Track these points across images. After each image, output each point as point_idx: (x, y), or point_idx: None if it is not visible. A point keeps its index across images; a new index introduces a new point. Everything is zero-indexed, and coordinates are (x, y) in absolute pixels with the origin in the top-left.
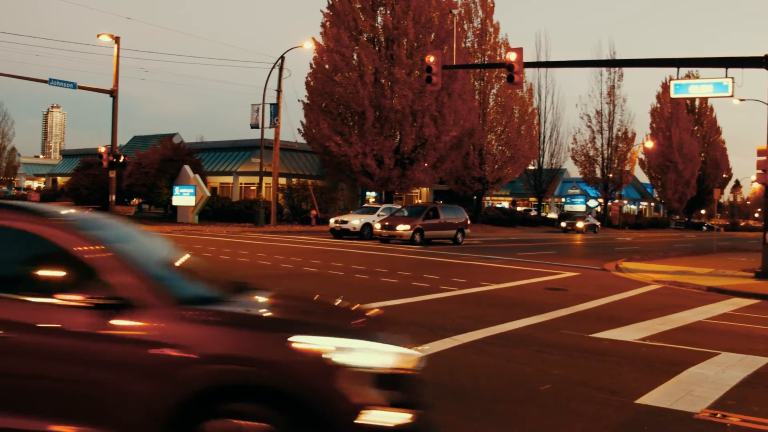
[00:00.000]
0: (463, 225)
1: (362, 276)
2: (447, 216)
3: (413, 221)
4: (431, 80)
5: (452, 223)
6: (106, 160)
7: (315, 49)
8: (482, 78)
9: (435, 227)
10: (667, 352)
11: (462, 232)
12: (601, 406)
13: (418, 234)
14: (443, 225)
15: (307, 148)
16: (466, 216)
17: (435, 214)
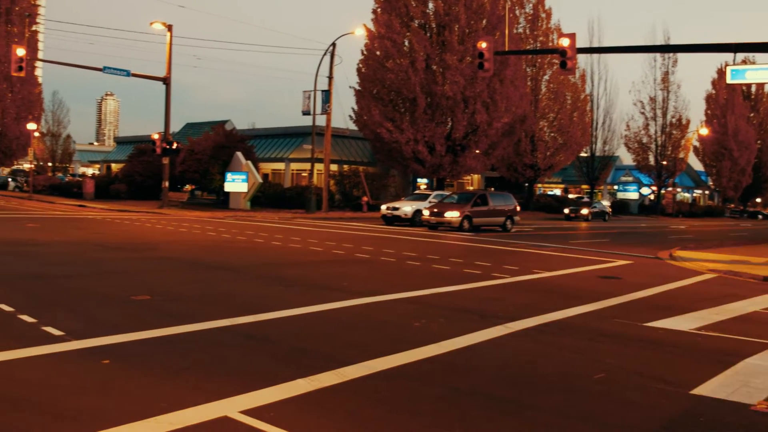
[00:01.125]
0: (512, 212)
1: (414, 263)
2: (496, 203)
3: (462, 208)
4: (483, 66)
5: (501, 210)
6: (159, 146)
7: (366, 36)
8: (534, 64)
9: (484, 214)
10: (723, 342)
11: (511, 219)
12: (655, 396)
13: (466, 221)
14: (492, 212)
15: (358, 134)
16: (516, 203)
17: (484, 201)
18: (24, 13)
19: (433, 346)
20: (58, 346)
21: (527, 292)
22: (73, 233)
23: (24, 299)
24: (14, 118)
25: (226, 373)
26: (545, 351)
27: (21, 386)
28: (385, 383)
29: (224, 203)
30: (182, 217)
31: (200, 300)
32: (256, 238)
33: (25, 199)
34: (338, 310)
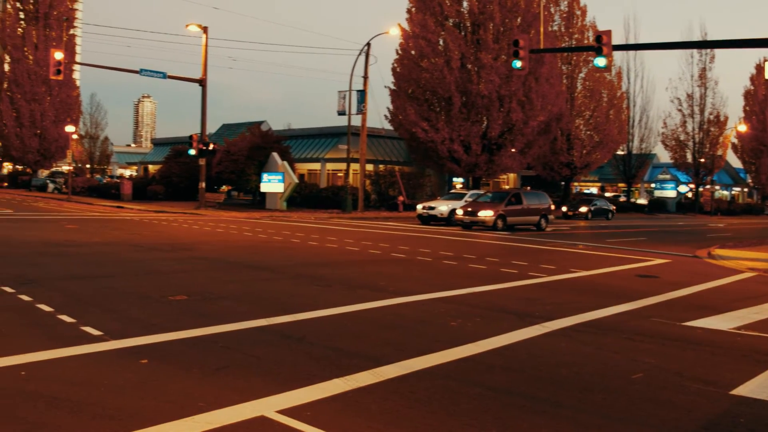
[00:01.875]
0: (546, 211)
1: (450, 262)
2: (530, 202)
3: (496, 207)
4: (518, 65)
5: (536, 208)
6: (195, 148)
7: (401, 35)
8: (570, 62)
9: (518, 213)
10: (763, 342)
11: (546, 218)
12: (694, 396)
13: (500, 220)
14: (526, 211)
15: (393, 134)
16: (550, 202)
17: (518, 200)
18: (62, 17)
19: (469, 345)
20: (97, 346)
21: (564, 292)
22: (111, 234)
23: (63, 299)
24: (53, 120)
25: (263, 373)
26: (582, 350)
27: (60, 385)
28: (422, 383)
29: (260, 204)
30: (219, 217)
31: (237, 300)
32: (292, 238)
33: (64, 201)
34: (375, 310)
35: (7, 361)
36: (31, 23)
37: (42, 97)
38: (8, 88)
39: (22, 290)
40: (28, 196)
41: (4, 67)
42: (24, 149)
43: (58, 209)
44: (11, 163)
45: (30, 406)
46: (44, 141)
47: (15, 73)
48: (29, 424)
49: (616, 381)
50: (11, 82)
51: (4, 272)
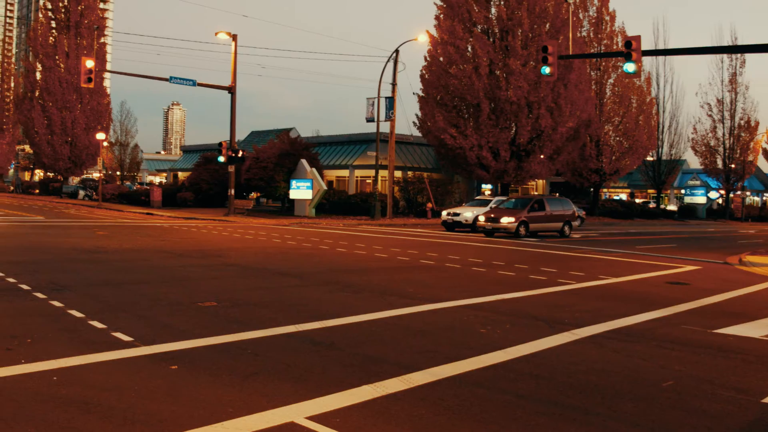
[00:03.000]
0: (570, 217)
1: (479, 269)
2: (553, 208)
3: (518, 213)
4: (547, 71)
5: (560, 215)
6: (225, 155)
7: (429, 42)
8: (599, 68)
9: (540, 219)
10: None
11: (569, 224)
12: (726, 404)
13: (522, 226)
14: (549, 217)
15: (422, 140)
16: (574, 208)
17: (541, 206)
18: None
19: (499, 352)
20: (127, 352)
21: (594, 299)
22: (141, 240)
23: (94, 305)
24: (84, 128)
25: (292, 379)
26: (613, 358)
27: (92, 391)
28: (451, 390)
29: (289, 210)
30: (248, 224)
31: (266, 306)
32: (321, 244)
33: (94, 208)
34: (404, 317)
35: (39, 366)
36: (62, 32)
37: (73, 104)
38: (40, 96)
39: (54, 296)
40: (59, 203)
41: (36, 76)
42: (55, 156)
43: (88, 216)
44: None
45: (62, 411)
46: (75, 148)
47: (47, 81)
48: (61, 428)
49: (647, 389)
50: (43, 90)
51: (36, 278)
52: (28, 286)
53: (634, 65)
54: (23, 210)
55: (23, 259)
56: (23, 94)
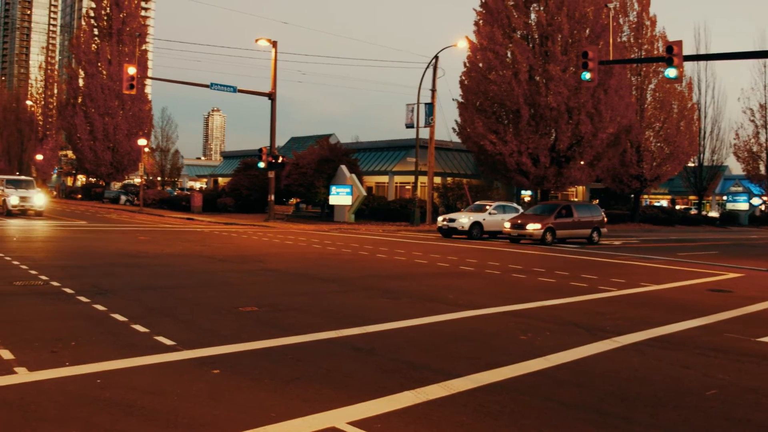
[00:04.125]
0: (599, 224)
1: (519, 275)
2: (581, 214)
3: (544, 220)
4: (588, 76)
5: (588, 221)
6: (265, 161)
7: (469, 48)
8: (639, 73)
9: (568, 226)
10: None
11: (598, 231)
12: None
13: (549, 233)
14: (577, 224)
15: (461, 147)
16: (603, 215)
17: (568, 213)
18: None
19: (539, 359)
20: (170, 356)
21: (635, 306)
22: (182, 245)
23: (136, 309)
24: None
25: (333, 385)
26: (654, 366)
27: (135, 394)
28: (492, 397)
29: (329, 216)
30: (287, 229)
31: (307, 311)
32: (360, 250)
33: (135, 213)
34: (444, 323)
35: (83, 369)
36: (104, 39)
37: (115, 111)
38: (83, 102)
39: (97, 300)
40: (101, 208)
41: (79, 82)
42: (97, 162)
43: (130, 221)
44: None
45: (106, 413)
46: (117, 154)
47: (89, 87)
48: (105, 431)
49: (689, 397)
50: (85, 96)
51: (80, 282)
52: (72, 289)
53: (675, 70)
54: (66, 215)
55: (66, 263)
56: (66, 101)
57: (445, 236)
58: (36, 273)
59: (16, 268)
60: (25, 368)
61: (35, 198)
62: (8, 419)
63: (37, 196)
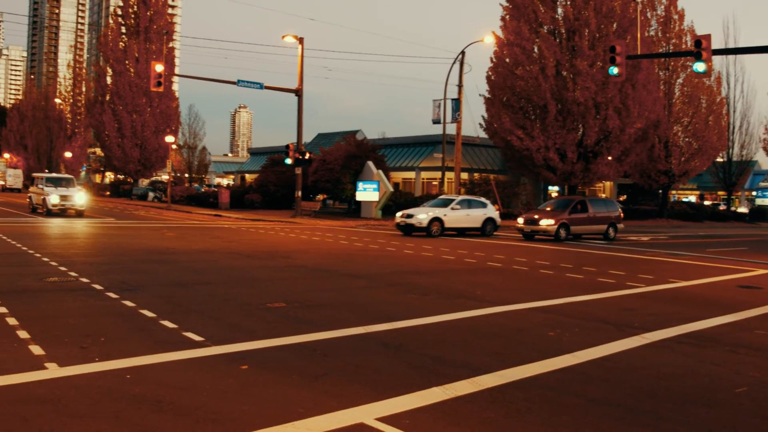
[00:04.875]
0: (615, 219)
1: (547, 271)
2: (597, 209)
3: (558, 215)
4: (615, 71)
5: (604, 216)
6: (292, 157)
7: (495, 43)
8: (667, 67)
9: (583, 222)
10: None
11: (614, 226)
12: None
13: (563, 229)
14: (592, 219)
15: (488, 142)
16: (620, 210)
17: (583, 208)
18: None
19: (568, 356)
20: (198, 351)
21: (663, 302)
22: (210, 242)
23: (165, 305)
24: (153, 131)
25: (361, 381)
26: (683, 362)
27: (164, 389)
28: (521, 393)
29: (355, 212)
30: (314, 226)
31: (335, 307)
32: (387, 246)
33: (163, 209)
34: (472, 319)
35: (113, 364)
36: (132, 37)
37: (143, 108)
38: (111, 100)
39: (126, 296)
40: (129, 205)
41: (107, 80)
42: (125, 159)
43: (158, 217)
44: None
45: (135, 409)
46: (145, 151)
47: (117, 85)
48: (136, 426)
49: (719, 394)
50: (113, 94)
51: (109, 278)
52: (101, 285)
53: (704, 65)
54: (95, 211)
55: (95, 259)
56: (94, 98)
57: (405, 234)
58: (66, 269)
59: (46, 264)
60: (56, 364)
61: (76, 197)
62: (40, 414)
63: (78, 195)
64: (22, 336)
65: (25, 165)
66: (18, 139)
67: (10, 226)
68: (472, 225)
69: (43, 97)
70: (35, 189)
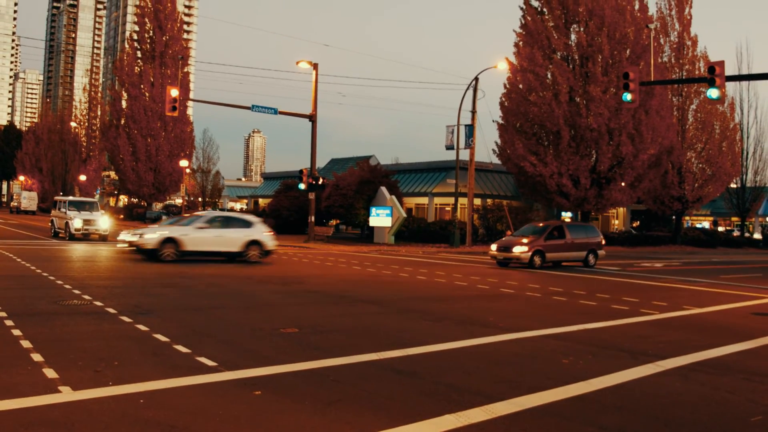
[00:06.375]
0: (596, 246)
1: (560, 298)
2: (575, 235)
3: (533, 242)
4: (629, 97)
5: (582, 243)
6: (305, 182)
7: (508, 69)
8: (680, 93)
9: (560, 248)
10: None
11: (594, 253)
12: None
13: (537, 256)
14: (570, 246)
15: (501, 168)
16: (600, 236)
17: (561, 234)
18: (177, 56)
19: (582, 383)
20: (212, 376)
21: (678, 329)
22: (222, 266)
23: (178, 329)
24: (168, 155)
25: (374, 407)
26: (698, 390)
27: (177, 414)
28: (535, 421)
29: (368, 237)
30: (328, 251)
31: (348, 333)
32: (401, 272)
33: None
34: (486, 346)
35: (127, 388)
36: (147, 62)
37: (157, 132)
38: (125, 123)
39: (140, 320)
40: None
41: (122, 104)
42: (139, 183)
43: None
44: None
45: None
46: (159, 175)
47: (132, 109)
48: None
49: (734, 423)
50: (128, 118)
51: (122, 302)
52: (115, 309)
53: (717, 91)
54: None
55: (109, 283)
56: (109, 122)
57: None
58: (79, 293)
59: (60, 287)
60: (69, 387)
61: (100, 221)
62: None
63: (102, 219)
64: (35, 359)
65: (40, 188)
66: (33, 161)
67: (28, 249)
68: (225, 249)
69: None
70: (57, 213)
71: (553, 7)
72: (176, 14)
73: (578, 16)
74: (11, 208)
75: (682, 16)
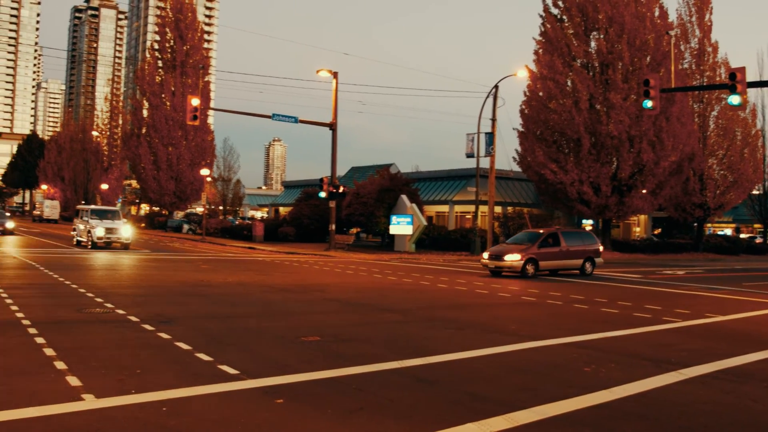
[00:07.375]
0: (593, 253)
1: (581, 306)
2: (571, 243)
3: (526, 250)
4: (649, 104)
5: (579, 251)
6: (326, 190)
7: (528, 77)
8: (701, 100)
9: (554, 256)
10: None
11: (592, 261)
12: None
13: (530, 264)
14: (565, 254)
15: (522, 176)
16: (598, 243)
17: (555, 241)
18: (198, 65)
19: (604, 392)
20: (234, 385)
21: (700, 337)
22: (244, 274)
23: (200, 338)
24: (188, 164)
25: (396, 416)
26: (722, 399)
27: (200, 422)
28: (557, 429)
29: (389, 246)
30: (348, 259)
31: (369, 342)
32: (421, 280)
33: (198, 242)
34: (507, 354)
35: (150, 396)
36: (168, 71)
37: (178, 141)
38: (147, 133)
39: (162, 328)
40: (164, 237)
41: (143, 113)
42: (161, 191)
43: (192, 249)
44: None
45: None
46: (180, 183)
47: (153, 118)
48: None
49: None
50: (149, 127)
51: (144, 311)
52: (137, 317)
53: (739, 97)
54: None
55: (131, 291)
56: (131, 131)
57: None
58: (102, 301)
59: (82, 296)
60: (93, 395)
61: (122, 230)
62: None
63: (125, 228)
64: (59, 367)
65: (62, 196)
66: (55, 170)
67: (51, 257)
68: None
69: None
70: (80, 221)
71: (573, 14)
72: (197, 24)
73: (598, 23)
74: (34, 216)
75: (703, 22)
